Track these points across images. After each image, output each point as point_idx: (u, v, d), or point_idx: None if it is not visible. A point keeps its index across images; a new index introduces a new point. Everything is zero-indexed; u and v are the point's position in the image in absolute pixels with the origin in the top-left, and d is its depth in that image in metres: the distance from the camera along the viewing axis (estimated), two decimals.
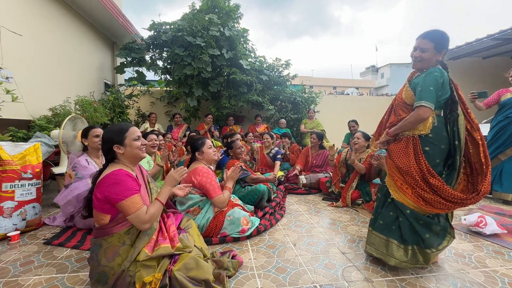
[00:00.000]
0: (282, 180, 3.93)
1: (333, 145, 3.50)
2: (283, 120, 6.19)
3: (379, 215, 1.72)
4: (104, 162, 1.47)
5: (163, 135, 4.49)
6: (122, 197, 1.27)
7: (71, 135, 3.07)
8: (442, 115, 1.64)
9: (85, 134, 2.46)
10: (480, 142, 1.49)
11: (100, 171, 1.40)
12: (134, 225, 1.32)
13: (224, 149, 3.47)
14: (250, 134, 4.93)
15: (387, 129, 1.71)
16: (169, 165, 3.14)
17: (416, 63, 1.61)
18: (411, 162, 1.56)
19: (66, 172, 2.46)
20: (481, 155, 1.47)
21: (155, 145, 2.98)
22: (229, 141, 3.61)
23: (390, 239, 1.62)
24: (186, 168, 1.64)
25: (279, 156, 4.22)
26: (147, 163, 2.89)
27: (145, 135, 2.99)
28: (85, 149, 2.50)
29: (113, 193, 1.27)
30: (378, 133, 1.87)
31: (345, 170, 3.30)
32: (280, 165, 4.68)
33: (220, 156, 3.28)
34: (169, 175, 1.55)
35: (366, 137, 3.23)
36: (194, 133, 4.43)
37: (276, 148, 4.35)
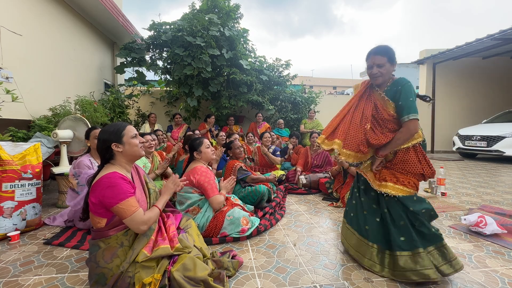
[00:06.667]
0: (283, 179, 3.92)
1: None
2: (280, 120, 6.22)
3: (398, 230, 1.56)
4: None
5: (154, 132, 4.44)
6: (117, 200, 1.26)
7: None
8: None
9: (87, 135, 2.51)
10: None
11: (95, 174, 1.38)
12: (131, 228, 1.31)
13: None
14: (250, 134, 4.91)
15: (379, 152, 1.59)
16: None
17: (377, 79, 1.61)
18: (417, 167, 1.56)
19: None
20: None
21: (152, 145, 2.98)
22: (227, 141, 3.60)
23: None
24: (183, 182, 1.77)
25: (278, 153, 4.23)
26: (143, 167, 2.84)
27: (140, 135, 2.99)
28: (88, 150, 2.55)
29: (107, 197, 1.26)
30: (343, 134, 1.65)
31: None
32: (281, 162, 4.67)
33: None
34: (165, 185, 1.61)
35: None
36: (191, 133, 4.33)
37: (274, 147, 4.35)
